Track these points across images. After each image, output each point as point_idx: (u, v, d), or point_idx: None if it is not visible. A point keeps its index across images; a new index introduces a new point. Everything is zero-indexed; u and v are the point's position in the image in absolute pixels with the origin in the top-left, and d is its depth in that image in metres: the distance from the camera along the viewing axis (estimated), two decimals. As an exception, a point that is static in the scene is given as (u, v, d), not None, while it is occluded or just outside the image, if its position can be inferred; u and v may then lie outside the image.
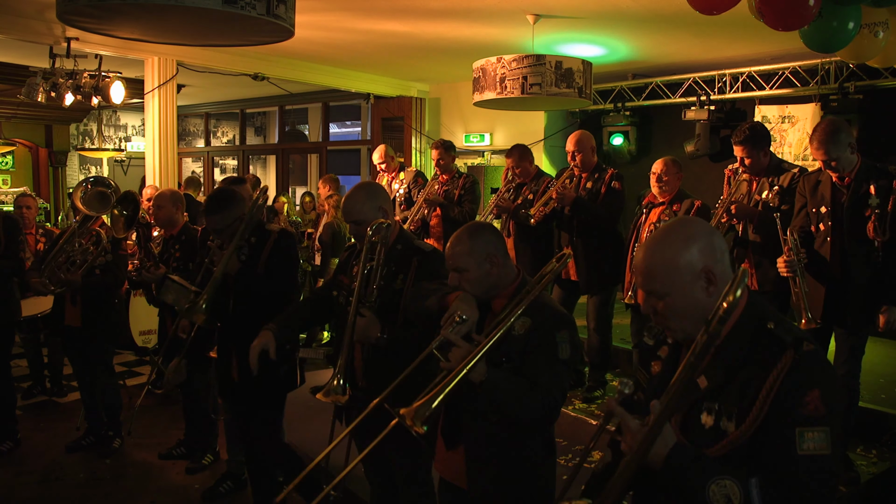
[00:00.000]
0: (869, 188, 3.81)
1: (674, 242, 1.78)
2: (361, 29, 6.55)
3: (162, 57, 7.11)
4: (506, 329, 2.32)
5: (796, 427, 1.59)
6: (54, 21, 5.88)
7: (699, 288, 1.74)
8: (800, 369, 1.62)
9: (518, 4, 5.53)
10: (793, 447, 1.58)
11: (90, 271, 4.92)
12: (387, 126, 10.32)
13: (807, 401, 1.59)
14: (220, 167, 13.98)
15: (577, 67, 5.66)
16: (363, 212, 3.07)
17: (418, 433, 2.18)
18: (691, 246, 1.75)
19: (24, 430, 5.58)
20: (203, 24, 3.69)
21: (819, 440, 1.59)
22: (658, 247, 1.80)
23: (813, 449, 1.58)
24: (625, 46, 7.00)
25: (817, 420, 1.59)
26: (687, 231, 1.79)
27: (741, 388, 1.66)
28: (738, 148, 4.42)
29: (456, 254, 2.52)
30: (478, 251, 2.49)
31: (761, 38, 6.14)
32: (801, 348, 1.63)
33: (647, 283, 1.79)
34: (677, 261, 1.75)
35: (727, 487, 1.58)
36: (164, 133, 7.21)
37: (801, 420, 1.59)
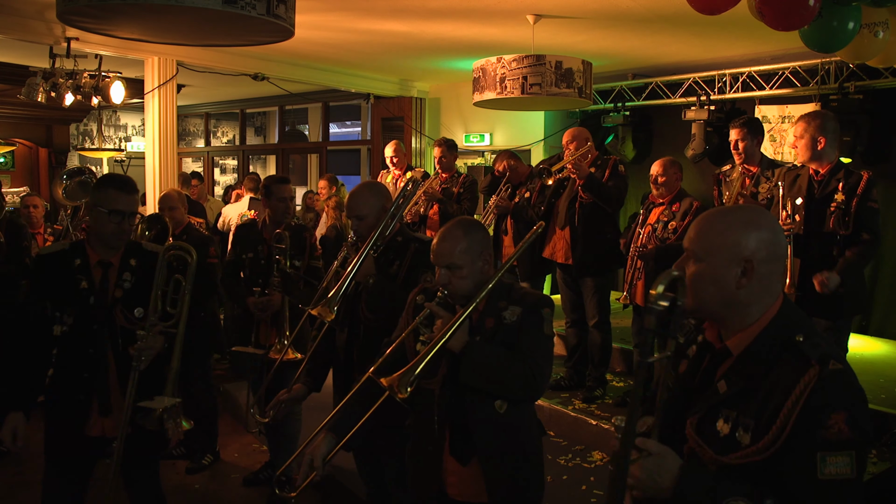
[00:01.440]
0: (838, 185, 3.96)
1: (739, 218, 1.73)
2: (361, 29, 6.55)
3: (162, 57, 7.11)
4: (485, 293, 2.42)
5: (818, 451, 1.52)
6: (54, 21, 5.88)
7: (733, 272, 1.67)
8: (824, 389, 1.55)
9: (518, 4, 5.53)
10: (814, 471, 1.52)
11: None
12: (387, 126, 10.31)
13: (830, 423, 1.53)
14: (220, 167, 13.98)
15: (577, 67, 5.66)
16: (366, 207, 3.15)
17: (402, 399, 2.27)
18: (752, 231, 1.69)
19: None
20: (203, 24, 3.69)
21: (842, 465, 1.52)
22: (724, 215, 1.77)
23: (835, 474, 1.52)
24: (625, 46, 7.00)
25: (840, 444, 1.52)
26: (757, 218, 1.73)
27: (761, 401, 1.61)
28: (735, 131, 4.58)
29: (448, 250, 2.46)
30: (473, 249, 2.47)
31: (761, 38, 6.14)
32: (826, 366, 1.57)
33: (693, 241, 1.74)
34: (729, 235, 1.69)
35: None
36: (164, 133, 7.21)
37: (822, 444, 1.52)
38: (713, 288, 1.69)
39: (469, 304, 2.39)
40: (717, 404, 1.68)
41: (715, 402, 1.69)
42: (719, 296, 1.69)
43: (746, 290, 1.68)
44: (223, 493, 4.67)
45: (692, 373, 1.80)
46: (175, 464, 5.06)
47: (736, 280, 1.68)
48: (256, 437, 5.56)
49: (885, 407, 4.82)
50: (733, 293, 1.68)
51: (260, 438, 5.49)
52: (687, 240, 1.77)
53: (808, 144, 4.00)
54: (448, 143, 6.32)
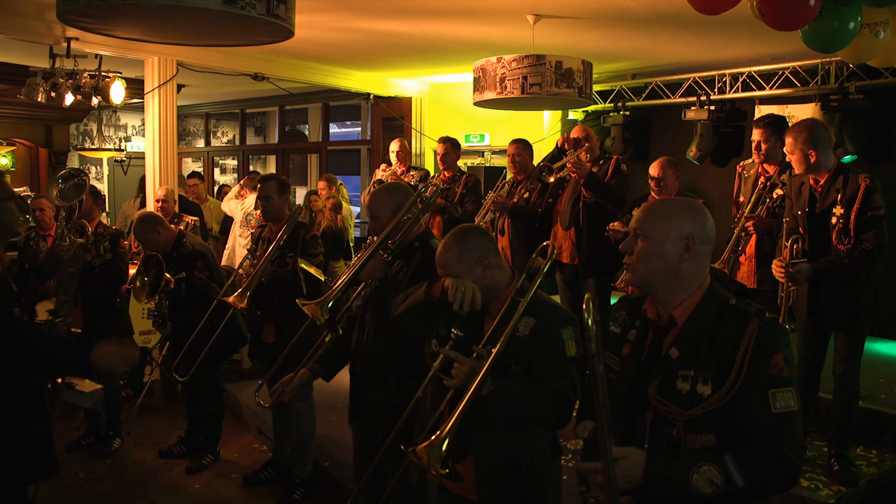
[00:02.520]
0: (837, 196, 3.87)
1: (679, 204, 2.09)
2: (361, 29, 6.55)
3: (162, 57, 7.11)
4: (508, 336, 2.28)
5: (769, 389, 1.82)
6: (54, 21, 5.88)
7: (676, 249, 1.96)
8: (766, 334, 1.86)
9: (518, 4, 5.52)
10: (768, 407, 1.81)
11: (89, 268, 4.93)
12: (387, 126, 10.31)
13: (773, 363, 1.84)
14: (220, 167, 13.98)
15: (577, 67, 5.66)
16: (379, 208, 3.18)
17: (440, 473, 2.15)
18: (690, 216, 2.01)
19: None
20: (203, 24, 3.69)
21: (788, 398, 1.82)
22: (667, 202, 2.13)
23: (784, 407, 1.81)
24: (625, 46, 7.00)
25: (783, 381, 1.83)
26: (694, 205, 2.07)
27: (717, 356, 1.88)
28: (758, 131, 4.48)
29: (446, 261, 2.53)
30: (467, 256, 2.50)
31: (761, 38, 6.13)
32: (764, 317, 1.89)
33: (641, 221, 2.03)
34: (673, 216, 2.00)
35: (707, 472, 1.79)
36: (164, 133, 7.21)
37: (770, 382, 1.82)
38: (660, 261, 1.97)
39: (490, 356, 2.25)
40: (672, 368, 1.93)
41: (670, 366, 1.94)
42: (665, 268, 1.97)
43: (687, 265, 1.97)
44: (223, 493, 4.67)
45: (639, 349, 2.05)
46: (175, 463, 5.06)
47: (678, 255, 1.96)
48: (256, 436, 5.56)
49: (885, 407, 4.82)
50: (677, 266, 1.97)
51: (260, 438, 5.49)
52: (636, 221, 2.05)
53: (801, 159, 3.91)
54: (452, 141, 6.36)
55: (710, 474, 1.78)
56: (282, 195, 4.40)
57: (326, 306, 3.00)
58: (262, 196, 4.41)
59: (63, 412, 6.07)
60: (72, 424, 5.63)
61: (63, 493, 4.62)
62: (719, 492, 1.77)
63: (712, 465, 1.79)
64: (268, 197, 4.38)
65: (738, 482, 1.77)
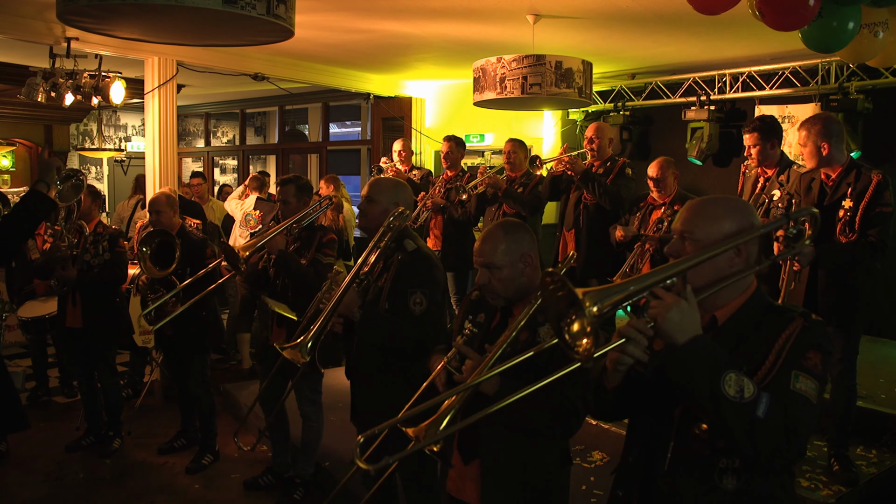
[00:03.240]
0: (847, 190, 3.89)
1: (727, 204, 1.99)
2: (361, 29, 6.55)
3: (162, 57, 7.10)
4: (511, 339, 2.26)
5: (793, 370, 1.78)
6: (54, 21, 5.87)
7: (726, 253, 1.90)
8: (809, 333, 1.83)
9: (518, 4, 5.52)
10: (787, 383, 1.77)
11: (88, 268, 4.93)
12: (387, 126, 10.31)
13: (809, 356, 1.80)
14: (220, 167, 13.98)
15: (577, 67, 5.66)
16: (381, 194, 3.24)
17: (433, 452, 2.16)
18: (739, 216, 1.95)
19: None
20: (203, 23, 3.69)
21: (809, 387, 1.77)
22: (713, 201, 2.02)
23: (802, 390, 1.76)
24: (625, 46, 7.00)
25: (812, 374, 1.78)
26: (742, 204, 2.04)
27: (753, 354, 1.84)
28: (747, 137, 4.49)
29: (488, 250, 2.45)
30: (513, 249, 2.44)
31: (761, 38, 6.13)
32: (809, 318, 1.86)
33: (687, 222, 1.97)
34: (722, 218, 1.94)
35: (743, 381, 1.71)
36: (164, 133, 7.20)
37: (799, 367, 1.78)
38: (709, 266, 1.90)
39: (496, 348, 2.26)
40: None
41: None
42: (715, 274, 1.91)
43: (736, 267, 1.93)
44: (223, 493, 4.67)
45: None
46: (175, 464, 5.06)
47: (730, 259, 1.92)
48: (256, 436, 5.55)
49: (885, 407, 4.82)
50: (727, 271, 1.92)
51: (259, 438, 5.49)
52: (681, 222, 1.99)
53: (813, 152, 3.94)
54: (456, 140, 6.46)
55: (745, 385, 1.70)
56: (300, 199, 4.27)
57: (306, 348, 2.97)
58: (281, 200, 4.30)
59: (63, 412, 6.09)
60: (72, 424, 5.64)
61: (63, 493, 4.62)
62: (737, 402, 1.68)
63: (751, 382, 1.72)
64: (285, 202, 4.27)
65: (760, 411, 1.69)
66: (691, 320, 1.75)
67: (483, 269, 2.45)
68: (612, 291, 1.72)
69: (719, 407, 1.70)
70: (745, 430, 1.70)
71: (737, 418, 1.70)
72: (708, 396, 1.71)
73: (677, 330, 1.74)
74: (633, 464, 2.06)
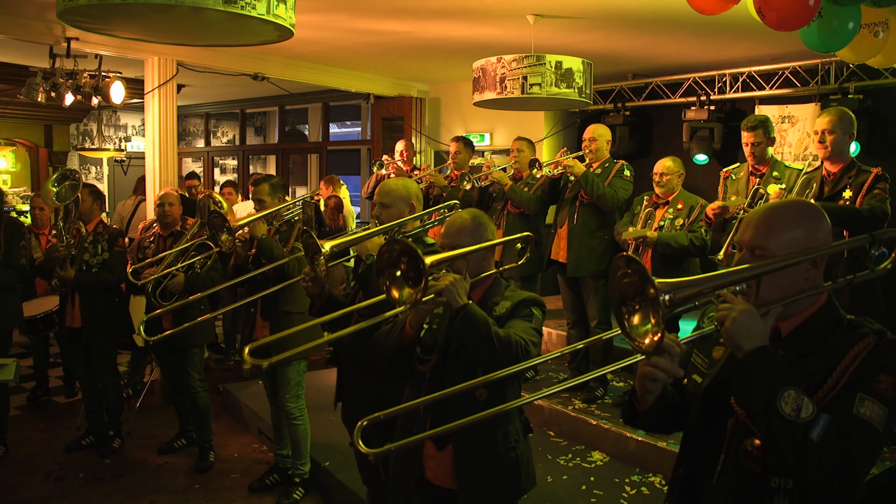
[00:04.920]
0: (847, 183, 4.00)
1: (803, 213, 1.84)
2: (361, 29, 6.55)
3: (162, 57, 7.11)
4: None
5: (859, 393, 1.62)
6: (54, 21, 5.88)
7: (804, 265, 1.77)
8: (881, 354, 1.67)
9: (518, 4, 5.53)
10: (850, 406, 1.61)
11: (87, 268, 4.93)
12: (387, 126, 10.31)
13: (880, 378, 1.64)
14: (220, 167, 13.98)
15: (577, 67, 5.65)
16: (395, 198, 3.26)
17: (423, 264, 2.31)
18: (817, 224, 1.82)
19: (24, 430, 5.59)
20: (203, 23, 3.68)
21: (876, 412, 1.61)
22: (789, 210, 1.85)
23: (867, 416, 1.60)
24: (625, 46, 7.00)
25: (882, 399, 1.62)
26: (815, 211, 1.86)
27: (813, 369, 1.71)
28: (750, 134, 4.50)
29: (459, 233, 2.65)
30: (480, 236, 2.65)
31: (761, 38, 6.14)
32: (884, 337, 1.71)
33: (759, 236, 1.81)
34: (799, 229, 1.80)
35: (803, 400, 1.59)
36: (164, 133, 7.21)
37: (866, 390, 1.62)
38: (786, 280, 1.77)
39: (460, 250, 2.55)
40: None
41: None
42: (791, 288, 1.77)
43: (811, 281, 1.79)
44: (223, 492, 4.67)
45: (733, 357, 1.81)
46: (175, 463, 5.06)
47: (806, 272, 1.78)
48: (256, 436, 5.56)
49: (885, 407, 4.81)
50: (802, 284, 1.78)
51: (260, 438, 5.49)
52: (749, 234, 1.83)
53: (837, 141, 4.01)
54: (465, 141, 6.54)
55: (804, 403, 1.59)
56: (274, 197, 4.37)
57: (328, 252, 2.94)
58: (255, 199, 4.39)
59: (63, 412, 6.09)
60: (72, 424, 5.64)
61: (63, 492, 4.62)
62: (791, 421, 1.58)
63: (811, 402, 1.60)
64: (260, 200, 4.36)
65: (815, 434, 1.57)
66: (760, 328, 1.66)
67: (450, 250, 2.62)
68: (686, 284, 1.66)
69: (771, 423, 1.61)
70: (796, 451, 1.59)
71: (788, 438, 1.59)
72: (762, 410, 1.62)
73: (744, 336, 1.65)
74: (683, 476, 1.99)
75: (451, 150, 6.38)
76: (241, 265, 4.44)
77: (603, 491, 4.29)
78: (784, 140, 7.30)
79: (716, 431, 1.85)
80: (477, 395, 2.49)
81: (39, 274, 5.41)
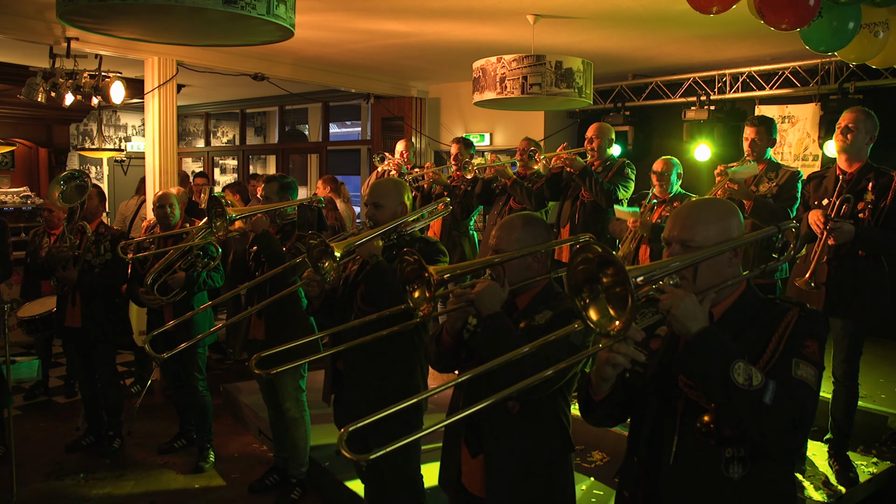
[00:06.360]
0: (868, 185, 3.92)
1: (723, 207, 2.08)
2: (361, 29, 6.55)
3: (162, 57, 7.11)
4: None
5: (794, 358, 1.85)
6: (54, 21, 5.88)
7: (727, 254, 1.98)
8: (806, 321, 1.90)
9: (518, 4, 5.53)
10: (788, 371, 1.83)
11: (89, 268, 4.93)
12: (387, 126, 10.31)
13: (807, 343, 1.87)
14: (220, 167, 13.98)
15: (577, 67, 5.65)
16: (387, 197, 3.26)
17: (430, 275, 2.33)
18: (735, 217, 2.05)
19: (24, 430, 5.59)
20: (203, 24, 3.69)
21: (809, 374, 1.84)
22: (705, 205, 2.10)
23: (804, 377, 1.83)
24: (625, 46, 7.00)
25: (811, 361, 1.85)
26: (730, 205, 2.11)
27: (748, 344, 1.90)
28: (752, 129, 4.53)
29: (503, 237, 2.56)
30: (526, 241, 2.53)
31: (761, 38, 6.14)
32: (805, 308, 1.94)
33: (685, 229, 2.02)
34: (721, 222, 2.02)
35: (751, 370, 1.78)
36: (164, 133, 7.21)
37: (798, 354, 1.86)
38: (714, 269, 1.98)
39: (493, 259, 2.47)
40: None
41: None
42: (718, 276, 1.98)
43: (733, 268, 2.02)
44: (223, 492, 4.67)
45: (674, 343, 2.02)
46: (175, 463, 5.07)
47: (728, 260, 2.00)
48: (256, 436, 5.56)
49: (886, 407, 4.82)
50: (726, 272, 2.00)
51: (260, 438, 5.50)
52: (676, 229, 2.04)
53: (857, 140, 4.00)
54: (465, 142, 6.53)
55: (752, 372, 1.78)
56: (283, 197, 4.36)
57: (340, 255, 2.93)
58: (264, 197, 4.40)
59: (63, 412, 6.09)
60: (72, 424, 5.64)
61: (63, 492, 4.63)
62: (745, 389, 1.76)
63: (759, 371, 1.79)
64: (268, 198, 4.37)
65: (767, 398, 1.76)
66: (701, 312, 1.84)
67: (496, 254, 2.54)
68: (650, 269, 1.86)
69: (729, 394, 1.77)
70: (754, 416, 1.76)
71: (746, 405, 1.76)
72: (719, 384, 1.78)
73: (691, 319, 1.81)
74: (638, 463, 2.08)
75: (452, 152, 6.40)
76: (240, 260, 4.45)
77: (603, 491, 4.29)
78: (784, 140, 7.30)
79: (666, 416, 2.01)
80: (508, 407, 2.43)
81: (39, 274, 5.41)
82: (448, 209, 3.56)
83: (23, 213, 10.12)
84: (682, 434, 1.97)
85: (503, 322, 2.34)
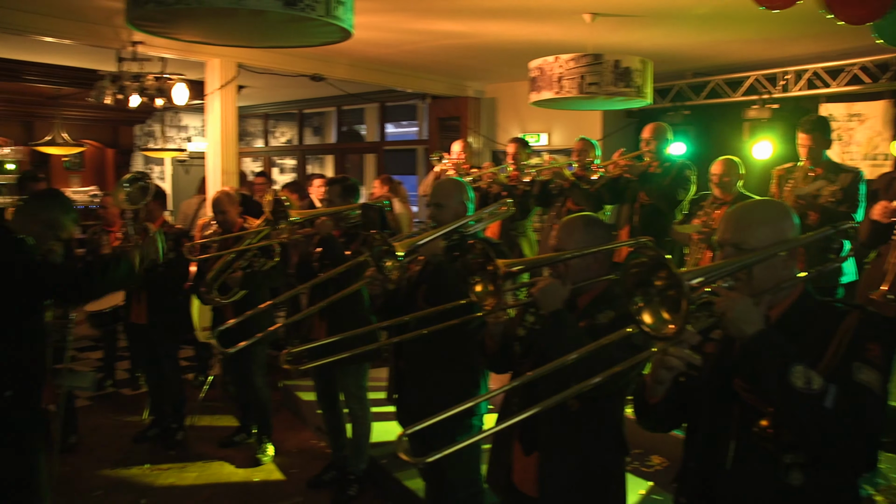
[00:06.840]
0: None
1: (775, 209, 2.04)
2: (418, 29, 6.59)
3: (223, 59, 7.25)
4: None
5: (855, 362, 1.78)
6: (122, 26, 6.05)
7: (781, 255, 1.93)
8: (868, 324, 1.84)
9: (575, 3, 5.48)
10: (850, 375, 1.76)
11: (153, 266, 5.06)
12: (443, 126, 10.33)
13: (869, 347, 1.80)
14: (278, 167, 14.20)
15: (635, 66, 5.58)
16: (448, 198, 3.31)
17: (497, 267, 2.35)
18: (788, 219, 2.00)
19: (95, 420, 5.80)
20: (264, 25, 3.75)
21: (873, 378, 1.76)
22: (758, 206, 2.06)
23: (866, 381, 1.75)
24: (684, 44, 6.88)
25: (874, 365, 1.78)
26: (783, 205, 2.09)
27: (807, 347, 1.82)
28: (807, 137, 4.44)
29: (564, 237, 2.57)
30: (587, 242, 2.54)
31: (828, 33, 5.96)
32: (866, 310, 1.87)
33: (736, 234, 1.97)
34: (771, 222, 1.97)
35: (811, 374, 1.72)
36: (225, 134, 7.35)
37: (861, 359, 1.78)
38: (769, 271, 1.93)
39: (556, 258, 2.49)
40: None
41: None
42: (773, 279, 1.92)
43: (789, 270, 1.96)
44: (282, 486, 4.76)
45: (729, 346, 1.97)
46: (235, 457, 5.17)
47: (784, 262, 1.95)
48: (314, 432, 5.64)
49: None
50: (781, 274, 1.94)
51: (318, 434, 5.57)
52: (728, 232, 1.99)
53: None
54: (522, 141, 6.51)
55: (811, 376, 1.71)
56: (345, 200, 4.37)
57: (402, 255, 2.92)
58: (327, 199, 4.44)
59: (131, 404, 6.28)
60: (139, 415, 5.82)
61: (130, 481, 4.78)
62: (805, 393, 1.69)
63: (819, 375, 1.72)
64: (330, 201, 4.40)
65: (828, 402, 1.69)
66: (758, 314, 1.79)
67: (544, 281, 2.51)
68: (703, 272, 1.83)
69: (789, 399, 1.71)
70: (815, 421, 1.70)
71: (806, 410, 1.70)
72: (777, 388, 1.72)
73: (746, 322, 1.76)
74: (695, 469, 2.04)
75: (510, 152, 6.38)
76: (306, 262, 4.48)
77: (662, 497, 4.22)
78: (852, 139, 7.07)
79: (722, 420, 1.96)
80: (568, 405, 2.40)
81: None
82: (510, 211, 3.53)
83: (91, 211, 10.45)
84: (739, 440, 1.92)
85: (566, 319, 2.33)
